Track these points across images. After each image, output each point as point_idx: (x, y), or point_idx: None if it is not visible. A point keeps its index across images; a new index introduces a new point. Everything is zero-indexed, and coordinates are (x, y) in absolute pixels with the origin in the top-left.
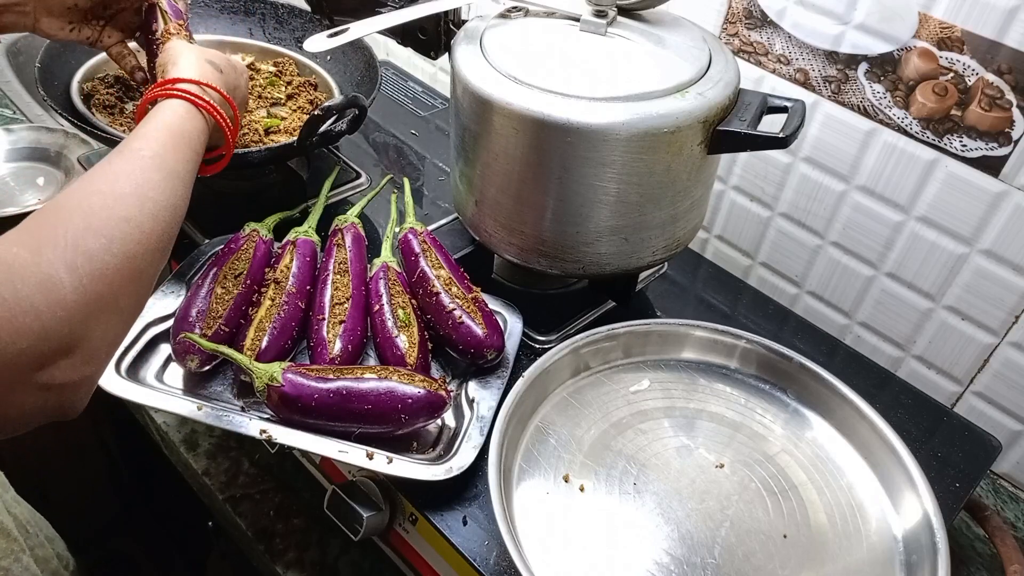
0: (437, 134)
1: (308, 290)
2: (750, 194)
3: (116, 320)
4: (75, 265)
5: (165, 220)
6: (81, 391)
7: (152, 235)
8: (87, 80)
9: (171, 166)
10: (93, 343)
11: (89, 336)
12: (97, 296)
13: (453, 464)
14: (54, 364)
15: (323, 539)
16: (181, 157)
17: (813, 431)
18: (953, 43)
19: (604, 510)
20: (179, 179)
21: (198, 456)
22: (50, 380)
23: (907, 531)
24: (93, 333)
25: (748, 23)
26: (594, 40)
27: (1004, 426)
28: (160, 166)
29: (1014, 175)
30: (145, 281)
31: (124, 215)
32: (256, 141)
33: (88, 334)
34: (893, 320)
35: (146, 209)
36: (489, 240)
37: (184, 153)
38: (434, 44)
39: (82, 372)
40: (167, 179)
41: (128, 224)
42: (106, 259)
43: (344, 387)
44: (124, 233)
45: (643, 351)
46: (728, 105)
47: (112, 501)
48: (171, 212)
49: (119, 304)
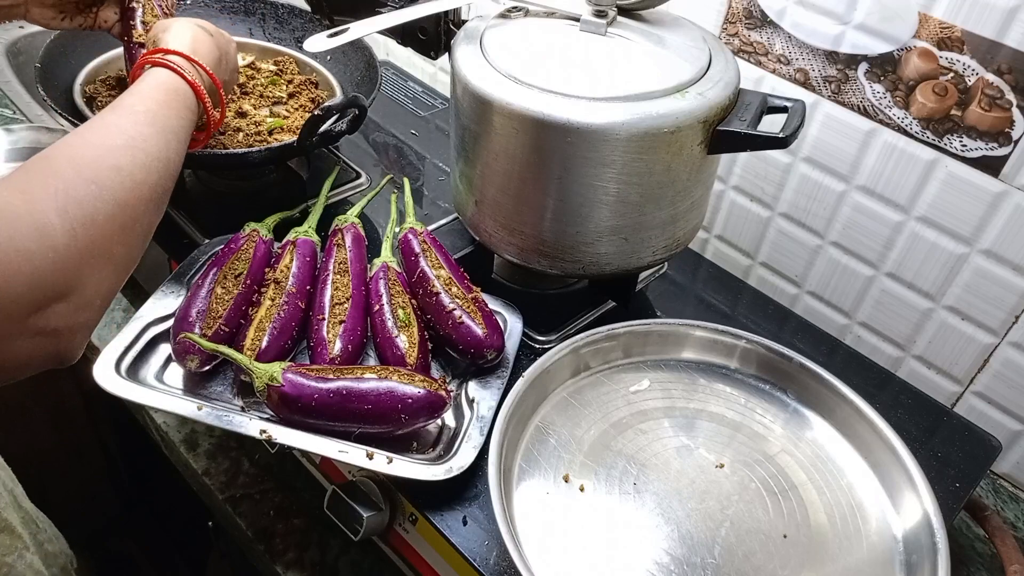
0: (437, 134)
1: (308, 290)
2: (750, 194)
3: (109, 268)
4: (66, 210)
5: (158, 171)
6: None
7: (144, 185)
8: (89, 83)
9: (163, 121)
10: (87, 290)
11: (83, 282)
12: (89, 242)
13: (453, 464)
14: (49, 308)
15: (323, 539)
16: (174, 113)
17: (813, 431)
18: (953, 43)
19: (604, 510)
20: (172, 134)
21: (198, 456)
22: (45, 325)
23: (907, 531)
24: (87, 279)
25: (748, 23)
26: (594, 40)
27: (1004, 426)
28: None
29: (1014, 175)
30: (139, 231)
31: (115, 164)
32: (260, 141)
33: (82, 280)
34: (893, 320)
35: (138, 160)
36: (489, 240)
37: (177, 110)
38: (434, 44)
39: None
40: (160, 133)
41: (119, 173)
42: (97, 205)
43: (344, 387)
44: (115, 182)
45: (643, 351)
46: (728, 105)
47: (112, 501)
48: (164, 164)
49: (112, 252)
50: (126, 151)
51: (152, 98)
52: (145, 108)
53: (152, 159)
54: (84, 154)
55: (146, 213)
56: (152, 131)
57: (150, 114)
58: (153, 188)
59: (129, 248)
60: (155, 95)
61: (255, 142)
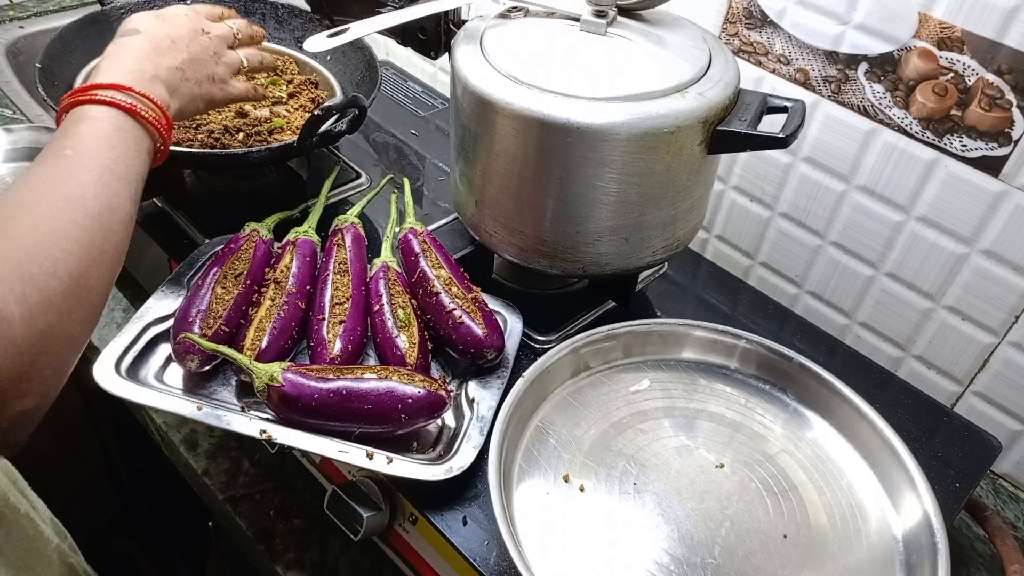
0: (437, 134)
1: (308, 290)
2: (750, 194)
3: (67, 347)
4: (23, 296)
5: (106, 227)
6: (28, 425)
7: (93, 247)
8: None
9: (102, 162)
10: (45, 376)
11: (40, 370)
12: (46, 326)
13: (453, 464)
14: (3, 404)
15: (323, 539)
16: (117, 154)
17: (813, 431)
18: (953, 43)
19: (604, 510)
20: (114, 176)
21: (198, 456)
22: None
23: (907, 531)
24: (45, 367)
25: (748, 23)
26: (594, 40)
27: (1004, 426)
28: (89, 164)
29: (1014, 175)
30: (94, 299)
31: (59, 231)
32: (260, 141)
33: (39, 369)
34: (893, 320)
35: (81, 221)
36: (489, 240)
37: (119, 147)
38: (434, 44)
39: (31, 404)
40: (99, 178)
41: (66, 241)
42: (52, 284)
43: (344, 387)
44: (64, 251)
45: (643, 351)
46: (728, 105)
47: (112, 501)
48: (111, 214)
49: (70, 331)
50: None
51: (87, 135)
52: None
53: (96, 213)
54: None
55: (100, 277)
56: (90, 177)
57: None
58: (103, 247)
59: (88, 318)
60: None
61: (255, 142)
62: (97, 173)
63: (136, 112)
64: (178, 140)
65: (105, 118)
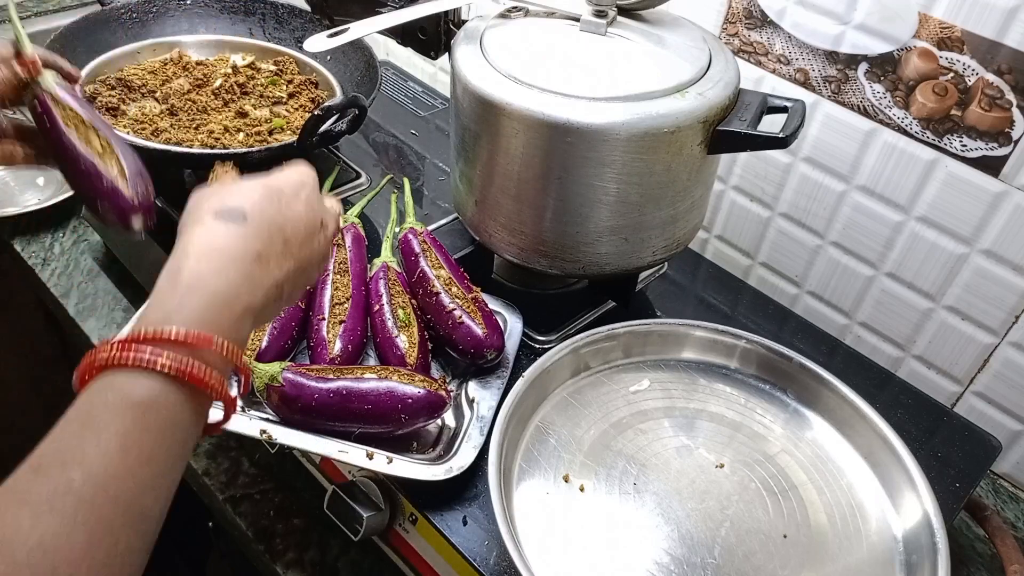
0: (437, 134)
1: (308, 290)
2: (750, 194)
3: None
4: None
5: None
6: None
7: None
8: (89, 83)
9: (134, 491)
10: None
11: None
12: None
13: (453, 464)
14: None
15: (323, 539)
16: (157, 469)
17: (813, 431)
18: (953, 43)
19: (604, 510)
20: (161, 475)
21: (198, 456)
22: None
23: (907, 531)
24: None
25: (748, 23)
26: (594, 40)
27: (1004, 426)
28: (114, 497)
29: (1014, 175)
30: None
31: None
32: (260, 141)
33: None
34: (893, 320)
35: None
36: (489, 240)
37: (164, 433)
38: (434, 44)
39: None
40: (127, 510)
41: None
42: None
43: (344, 387)
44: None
45: (643, 351)
46: (728, 105)
47: None
48: (146, 521)
49: None
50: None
51: (105, 454)
52: (84, 477)
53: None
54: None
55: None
56: (113, 510)
57: (98, 484)
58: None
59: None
60: (121, 422)
61: (255, 142)
62: (124, 504)
63: (199, 380)
64: (178, 140)
65: (150, 403)
